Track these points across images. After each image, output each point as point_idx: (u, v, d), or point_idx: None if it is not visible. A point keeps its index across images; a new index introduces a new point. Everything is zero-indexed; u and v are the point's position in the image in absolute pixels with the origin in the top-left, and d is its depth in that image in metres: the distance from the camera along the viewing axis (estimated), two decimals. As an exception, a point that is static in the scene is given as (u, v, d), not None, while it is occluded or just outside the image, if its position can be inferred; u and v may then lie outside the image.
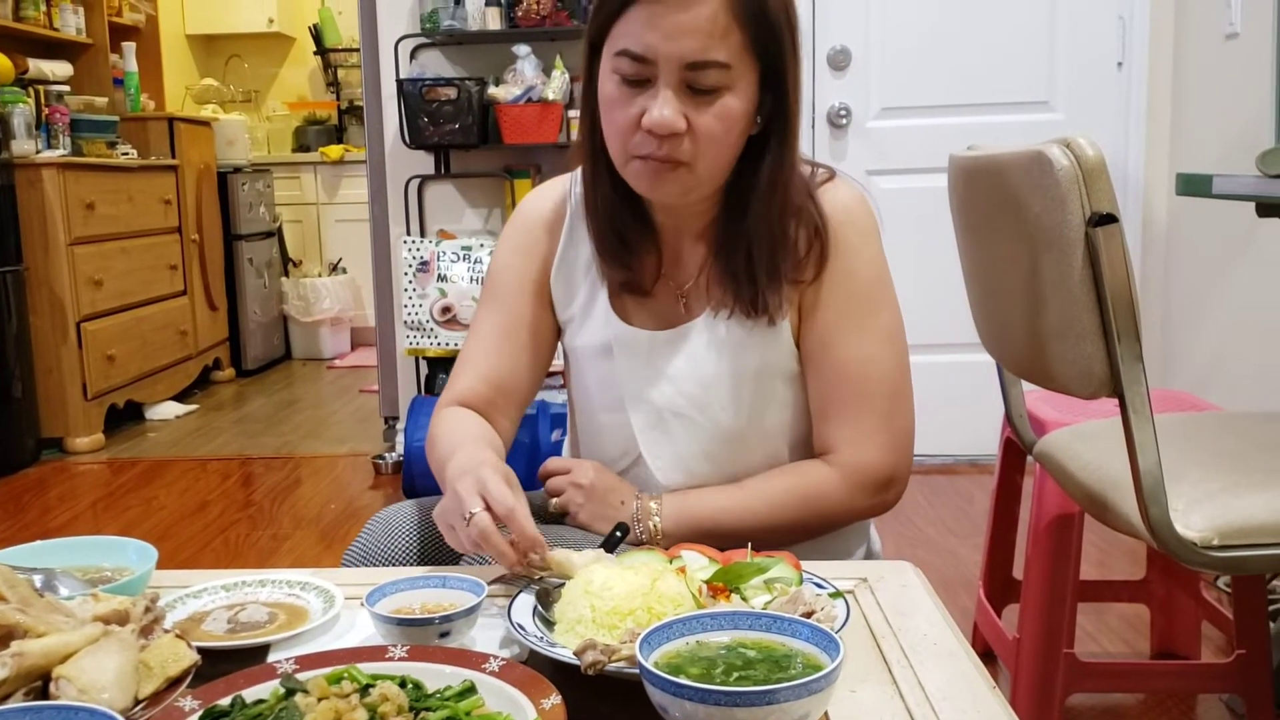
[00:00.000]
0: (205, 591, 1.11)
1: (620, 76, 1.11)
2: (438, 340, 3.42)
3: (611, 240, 1.22)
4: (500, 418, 1.28)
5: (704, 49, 1.07)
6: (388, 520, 1.29)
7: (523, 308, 1.28)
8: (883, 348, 1.20)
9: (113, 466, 3.96)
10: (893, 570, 1.13)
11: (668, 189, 1.14)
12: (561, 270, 1.28)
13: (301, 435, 4.37)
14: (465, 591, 1.01)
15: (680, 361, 1.23)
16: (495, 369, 1.28)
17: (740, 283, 1.18)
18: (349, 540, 3.02)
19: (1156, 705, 1.97)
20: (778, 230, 1.17)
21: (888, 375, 1.20)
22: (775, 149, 1.16)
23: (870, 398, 1.19)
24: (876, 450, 1.19)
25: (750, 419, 1.23)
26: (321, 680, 0.80)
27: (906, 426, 1.22)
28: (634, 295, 1.25)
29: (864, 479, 1.20)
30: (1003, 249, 1.39)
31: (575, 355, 1.31)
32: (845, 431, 1.20)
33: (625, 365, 1.25)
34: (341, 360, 6.05)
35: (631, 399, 1.25)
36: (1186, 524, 1.26)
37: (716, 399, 1.22)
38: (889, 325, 1.21)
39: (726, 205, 1.20)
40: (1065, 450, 1.56)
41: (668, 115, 1.08)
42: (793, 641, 0.85)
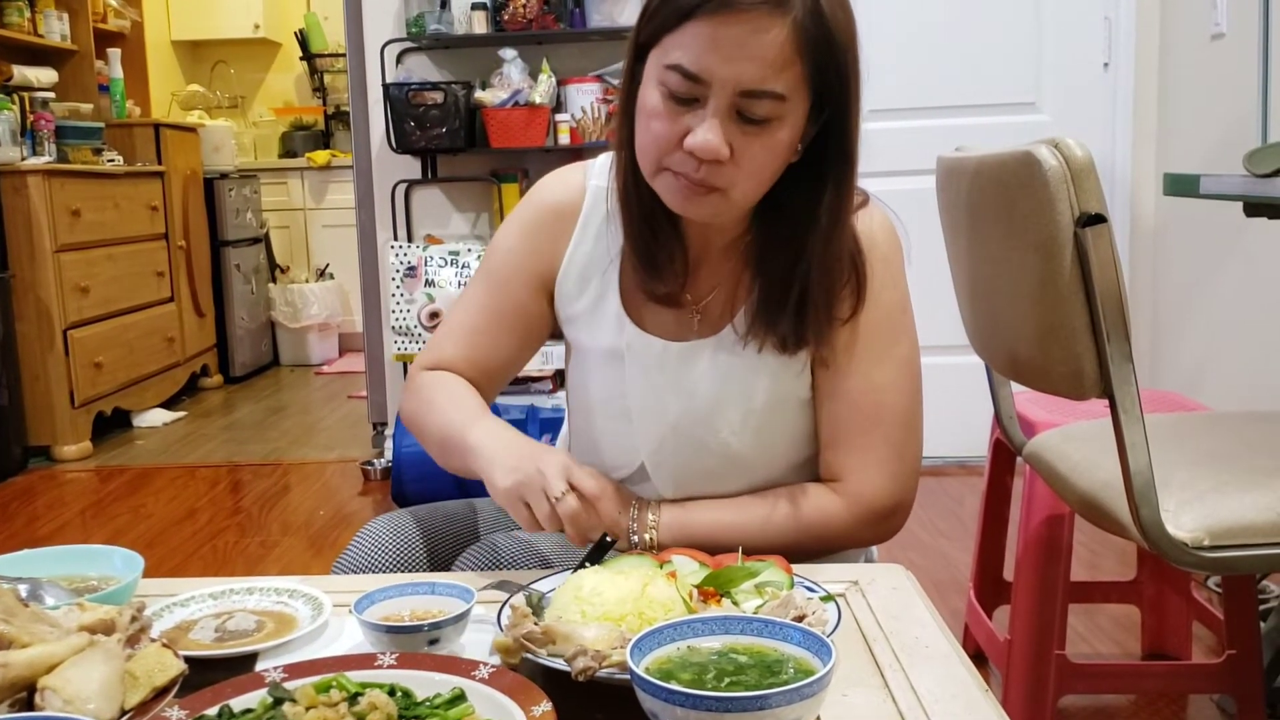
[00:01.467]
0: (192, 600, 1.10)
1: (667, 90, 1.05)
2: (424, 345, 3.41)
3: (645, 244, 1.17)
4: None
5: (763, 79, 1.01)
6: (377, 531, 1.28)
7: (519, 294, 1.24)
8: (899, 377, 1.17)
9: (100, 474, 3.94)
10: (884, 573, 1.13)
11: (699, 210, 1.10)
12: (573, 265, 1.23)
13: (290, 442, 4.35)
14: (454, 598, 1.00)
15: (693, 377, 1.19)
16: (479, 350, 1.25)
17: (785, 320, 1.14)
18: (338, 547, 3.03)
19: (1148, 706, 1.97)
20: (835, 272, 1.13)
21: (902, 406, 1.18)
22: (834, 187, 1.10)
23: (883, 428, 1.17)
24: (885, 480, 1.17)
25: (758, 442, 1.20)
26: (310, 689, 0.79)
27: (916, 456, 1.19)
28: (655, 303, 1.20)
29: (870, 509, 1.17)
30: (992, 250, 1.39)
31: (581, 356, 1.27)
32: (854, 460, 1.17)
33: (636, 374, 1.22)
34: (329, 366, 6.03)
35: (639, 410, 1.22)
36: (1177, 524, 1.26)
37: (726, 421, 1.19)
38: (906, 355, 1.18)
39: (768, 230, 1.15)
40: (1055, 451, 1.56)
41: (713, 141, 1.03)
42: (784, 646, 0.85)
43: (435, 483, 3.07)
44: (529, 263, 1.24)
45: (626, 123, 1.13)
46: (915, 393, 1.19)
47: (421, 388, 1.24)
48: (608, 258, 1.21)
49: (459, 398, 1.21)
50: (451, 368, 1.25)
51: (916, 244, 1.25)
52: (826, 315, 1.13)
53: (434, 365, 1.26)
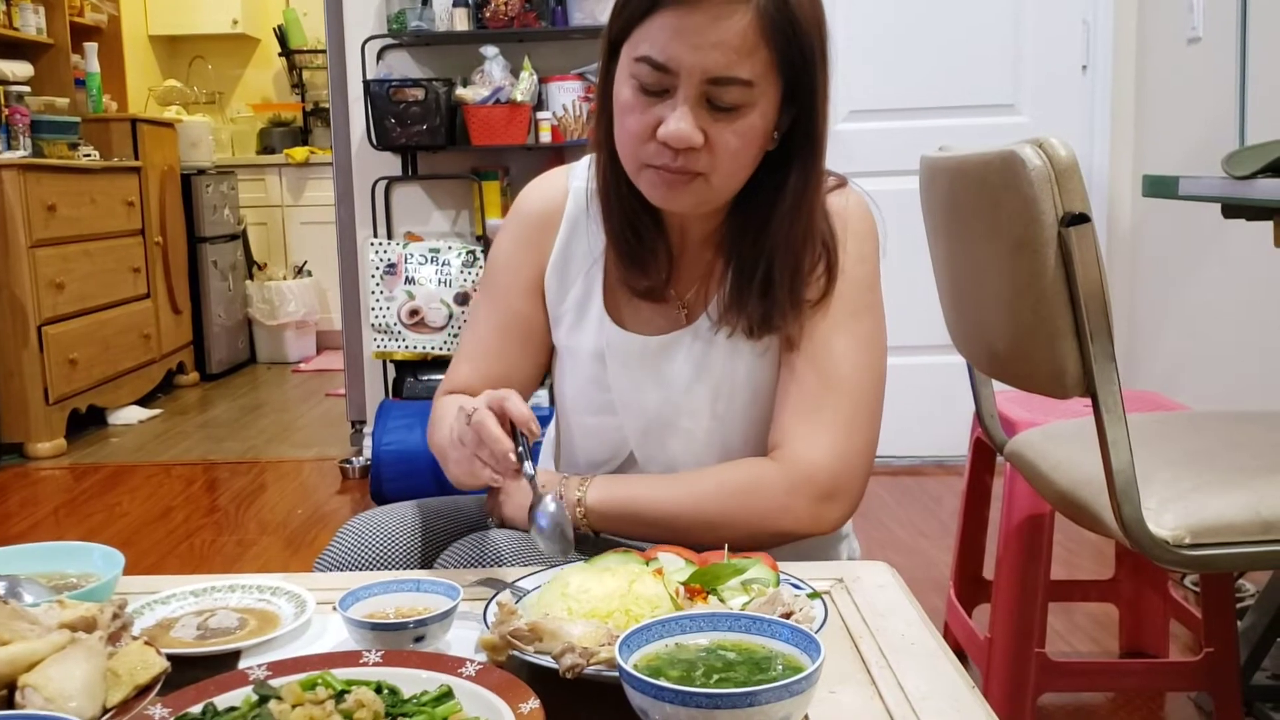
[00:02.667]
0: (174, 598, 1.09)
1: (638, 83, 1.07)
2: (405, 343, 3.40)
3: (629, 242, 1.18)
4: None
5: (729, 65, 1.03)
6: (359, 528, 1.27)
7: (519, 305, 1.25)
8: (857, 351, 1.16)
9: (75, 472, 3.90)
10: (869, 571, 1.13)
11: (682, 200, 1.11)
12: (557, 266, 1.24)
13: (267, 440, 4.33)
14: (440, 595, 1.00)
15: (672, 368, 1.20)
16: (493, 368, 1.25)
17: (751, 303, 1.15)
18: (316, 546, 3.01)
19: (1126, 704, 1.98)
20: (802, 254, 1.13)
21: (856, 380, 1.16)
22: (800, 170, 1.12)
23: (833, 397, 1.14)
24: (825, 453, 1.13)
25: (742, 428, 1.20)
26: (295, 686, 0.79)
27: (865, 442, 1.16)
28: (639, 299, 1.21)
29: (805, 480, 1.12)
30: (975, 250, 1.40)
31: (563, 354, 1.28)
32: (797, 426, 1.14)
33: (617, 371, 1.23)
34: (307, 364, 6.00)
35: (622, 404, 1.23)
36: (1159, 523, 1.27)
37: (707, 408, 1.20)
38: (869, 333, 1.17)
39: (739, 217, 1.16)
40: (1036, 450, 1.56)
41: (684, 129, 1.04)
42: (772, 643, 0.85)
43: (414, 480, 3.06)
44: (523, 272, 1.25)
45: (604, 121, 1.14)
46: (873, 374, 1.17)
47: (435, 410, 1.24)
48: (590, 257, 1.23)
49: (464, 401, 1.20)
50: (469, 390, 1.23)
51: (898, 244, 1.26)
52: (793, 298, 1.14)
53: (451, 390, 1.26)
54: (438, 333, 3.38)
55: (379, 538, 1.26)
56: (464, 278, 3.42)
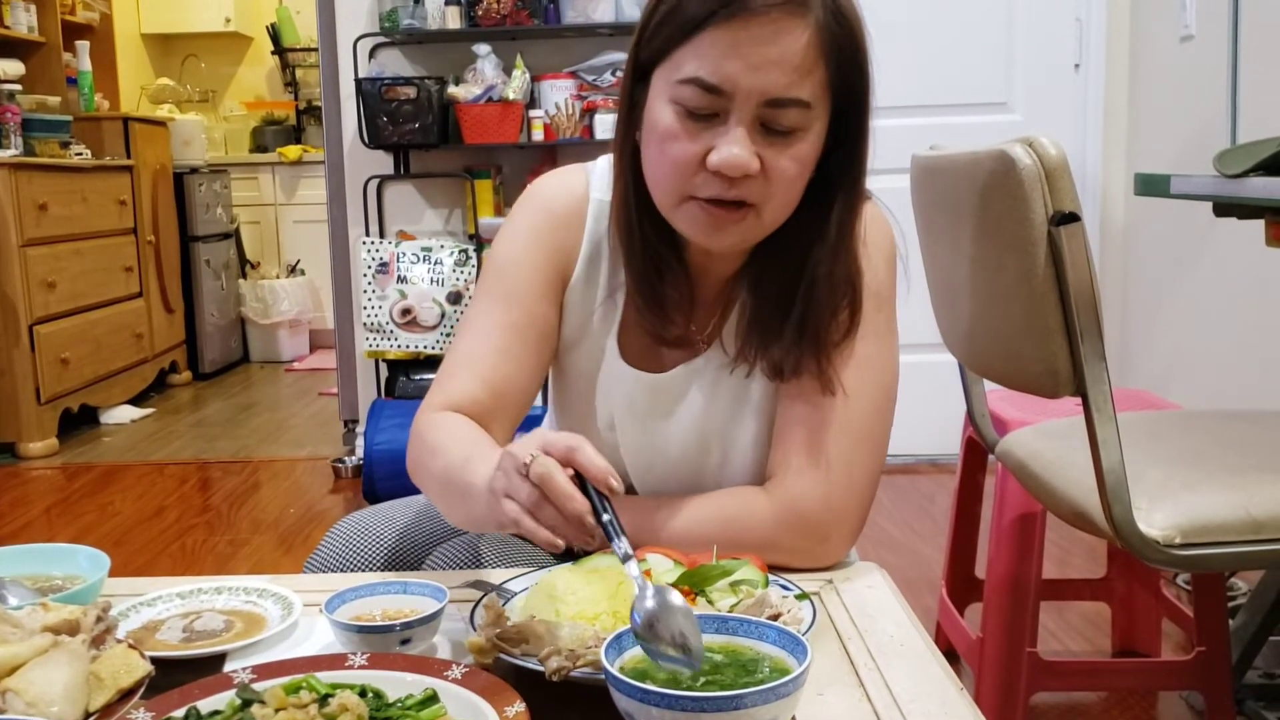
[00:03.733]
0: (159, 600, 1.08)
1: (683, 108, 0.97)
2: (398, 342, 3.39)
3: (653, 286, 1.08)
4: (494, 430, 1.09)
5: (789, 85, 0.95)
6: (348, 530, 1.26)
7: (537, 306, 1.12)
8: (862, 379, 1.08)
9: (66, 471, 3.89)
10: (859, 572, 1.12)
11: (727, 237, 1.01)
12: (579, 282, 1.14)
13: (259, 439, 4.32)
14: (426, 597, 0.99)
15: (680, 404, 1.14)
16: (499, 373, 1.10)
17: (777, 343, 1.07)
18: (309, 545, 3.00)
19: (1118, 703, 1.98)
20: (841, 293, 1.05)
21: (860, 410, 1.08)
22: (843, 201, 1.04)
23: (833, 428, 1.07)
24: (819, 487, 1.06)
25: (752, 469, 1.15)
26: (279, 690, 0.78)
27: (863, 477, 1.08)
28: (661, 345, 1.13)
29: (795, 516, 1.06)
30: (966, 248, 1.40)
31: (568, 373, 1.19)
32: (792, 459, 1.07)
33: (621, 409, 1.16)
34: (300, 363, 5.99)
35: (626, 445, 1.17)
36: (1149, 522, 1.27)
37: (717, 446, 1.15)
38: (877, 359, 1.09)
39: (766, 252, 1.07)
40: (1027, 449, 1.56)
41: (742, 156, 0.95)
42: (760, 645, 0.84)
43: (407, 480, 3.04)
44: (543, 271, 1.12)
45: (628, 151, 1.05)
46: (878, 405, 1.09)
47: (425, 431, 1.09)
48: (609, 288, 1.13)
49: (457, 437, 1.05)
50: (466, 398, 1.09)
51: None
52: (825, 338, 1.06)
53: (445, 405, 1.09)
54: (430, 332, 3.38)
55: (368, 539, 1.25)
56: (456, 277, 3.42)
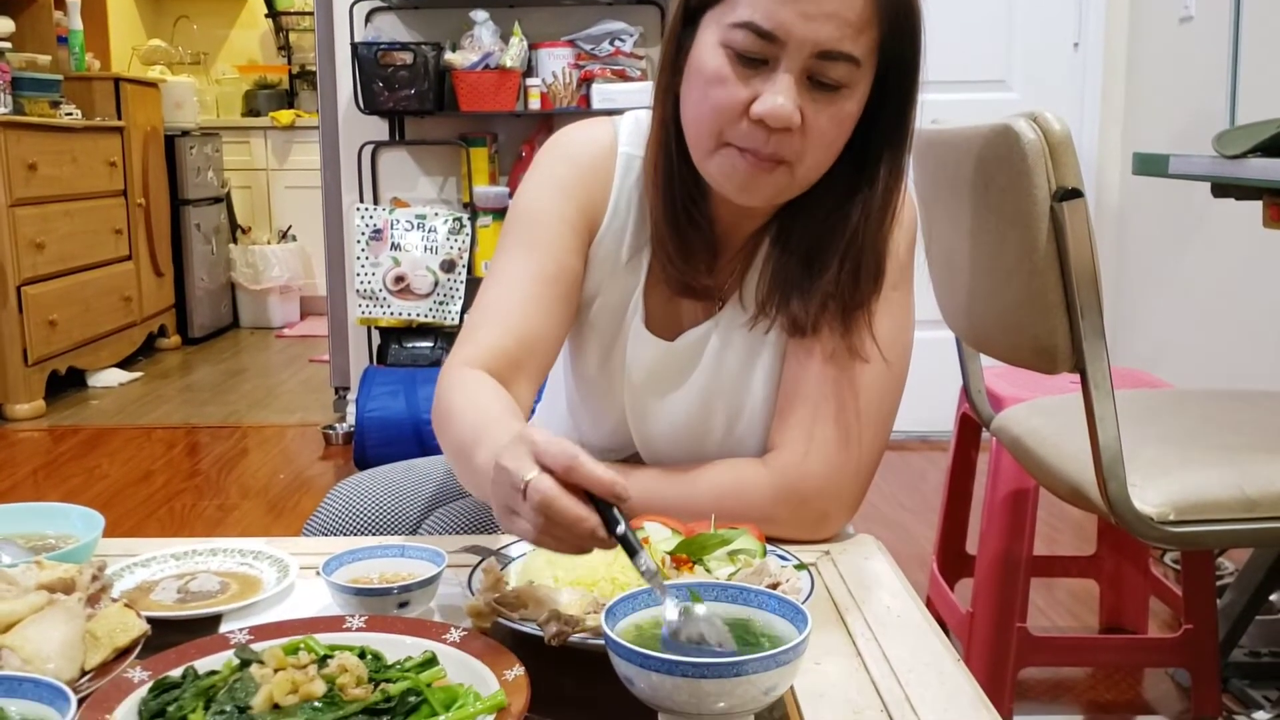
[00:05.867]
0: (154, 561, 1.08)
1: (733, 52, 0.95)
2: (390, 310, 3.38)
3: (684, 233, 1.06)
4: (522, 385, 1.06)
5: (841, 39, 0.94)
6: (346, 493, 1.26)
7: (566, 258, 1.09)
8: (876, 352, 1.07)
9: (54, 434, 3.87)
10: (855, 544, 1.12)
11: (759, 191, 1.00)
12: (606, 237, 1.11)
13: (249, 405, 4.30)
14: (425, 561, 0.99)
15: (693, 369, 1.13)
16: (529, 323, 1.06)
17: (797, 297, 1.06)
18: (299, 511, 3.00)
19: (1105, 678, 2.00)
20: (876, 261, 1.04)
21: (867, 385, 1.07)
22: (889, 169, 1.03)
23: (834, 404, 1.06)
24: (818, 464, 1.06)
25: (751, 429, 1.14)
26: (278, 650, 0.78)
27: (867, 458, 1.08)
28: (683, 296, 1.11)
29: (793, 490, 1.05)
30: (967, 224, 1.39)
31: (586, 331, 1.16)
32: (792, 431, 1.07)
33: (636, 374, 1.14)
34: (290, 329, 5.96)
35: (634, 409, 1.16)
36: (1143, 499, 1.27)
37: (720, 409, 1.13)
38: (889, 335, 1.07)
39: (795, 211, 1.06)
40: (1022, 425, 1.56)
41: (786, 107, 0.94)
42: (759, 613, 0.84)
43: (398, 448, 3.06)
44: (571, 222, 1.10)
45: (669, 99, 1.03)
46: (887, 385, 1.09)
47: (446, 391, 1.04)
48: (634, 245, 1.11)
49: (475, 405, 0.99)
50: (494, 351, 1.05)
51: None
52: (851, 299, 1.05)
53: (470, 359, 1.05)
54: (423, 300, 3.36)
55: (366, 503, 1.25)
56: (450, 245, 3.40)
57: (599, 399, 1.20)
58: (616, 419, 1.19)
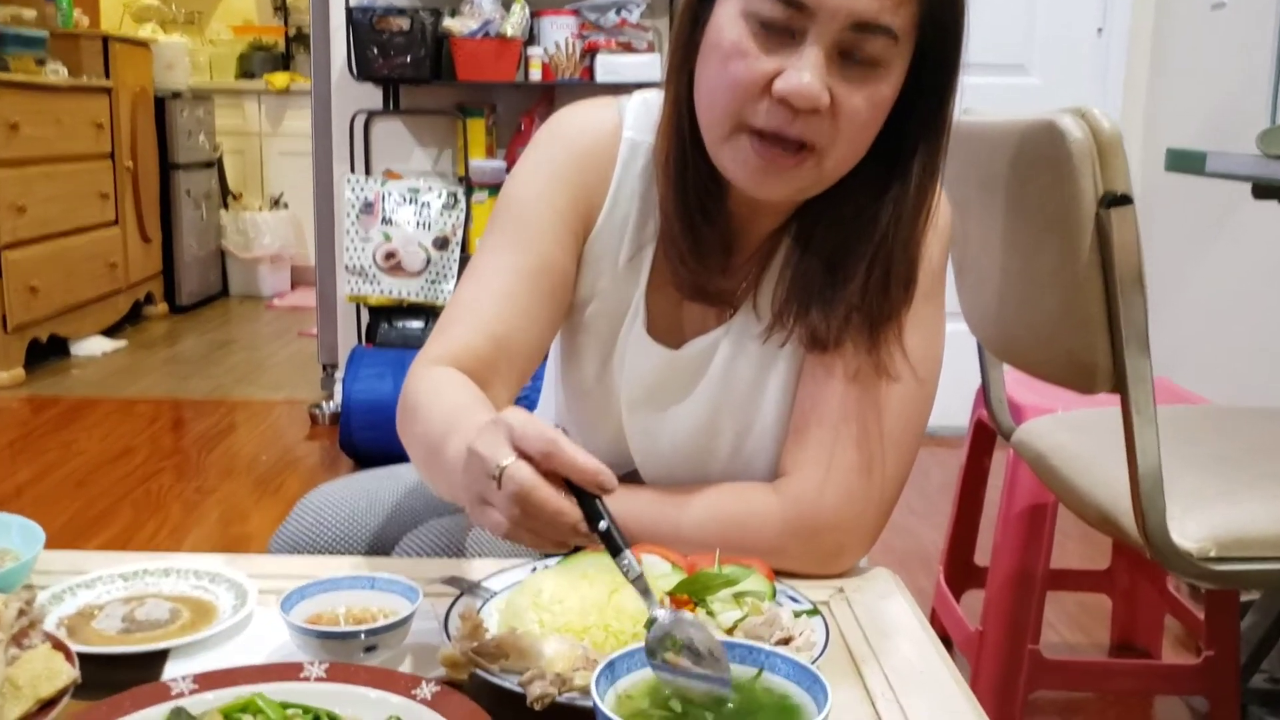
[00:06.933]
0: (99, 581, 0.99)
1: (757, 22, 0.86)
2: (380, 287, 3.26)
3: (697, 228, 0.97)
4: (497, 389, 0.97)
5: (880, 10, 0.84)
6: (319, 504, 1.16)
7: (554, 252, 0.99)
8: (903, 369, 0.98)
9: (33, 404, 3.77)
10: (870, 580, 1.03)
11: (779, 185, 0.90)
12: (604, 232, 1.02)
13: (235, 379, 4.21)
14: (397, 596, 0.89)
15: (697, 383, 1.04)
16: (506, 323, 0.97)
17: (818, 308, 0.96)
18: (281, 495, 2.90)
19: (1117, 701, 1.91)
20: (908, 267, 0.95)
21: (891, 411, 0.98)
22: (923, 165, 0.93)
23: (857, 427, 0.97)
24: (836, 493, 0.97)
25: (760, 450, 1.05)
26: (217, 718, 0.68)
27: (889, 489, 1.00)
28: (694, 300, 1.02)
29: (805, 522, 0.97)
30: (999, 225, 1.28)
31: (580, 335, 1.06)
32: (806, 456, 0.98)
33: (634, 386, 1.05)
34: (281, 300, 5.87)
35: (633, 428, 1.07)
36: (1182, 533, 1.17)
37: (727, 426, 1.04)
38: (919, 352, 0.98)
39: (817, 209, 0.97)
40: (1046, 441, 1.46)
41: (813, 85, 0.84)
42: (771, 679, 0.74)
43: (385, 431, 2.94)
44: (563, 214, 1.00)
45: (683, 78, 0.94)
46: (917, 407, 1.00)
47: (413, 390, 0.95)
48: (637, 241, 1.01)
49: (442, 398, 0.91)
50: (466, 350, 0.96)
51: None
52: (879, 311, 0.95)
53: (441, 357, 0.96)
54: (414, 278, 3.25)
55: (340, 516, 1.15)
56: (444, 221, 3.28)
57: (593, 411, 1.10)
58: (612, 434, 1.09)
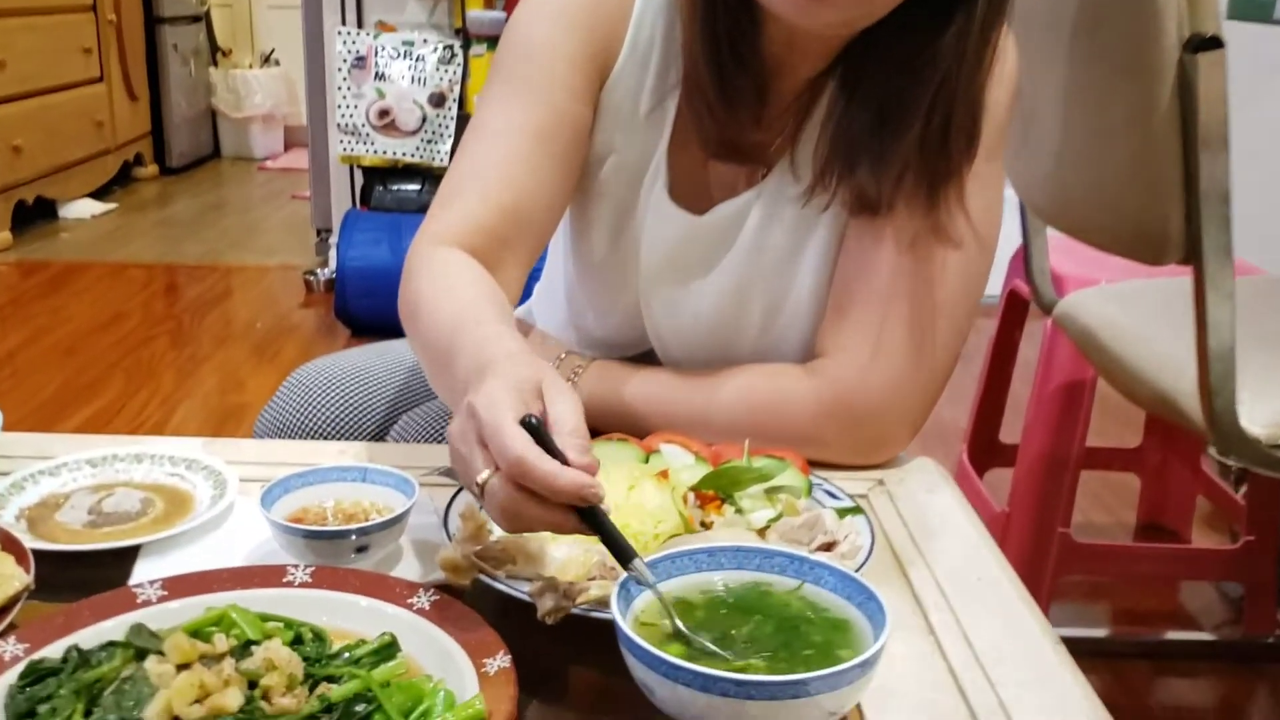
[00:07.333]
0: (65, 468, 0.90)
1: None
2: (374, 147, 3.11)
3: (727, 70, 0.85)
4: (510, 267, 0.88)
5: None
6: (308, 382, 1.06)
7: (567, 102, 0.88)
8: (963, 235, 0.87)
9: (21, 269, 3.67)
10: (913, 471, 0.93)
11: (823, 14, 0.78)
12: (619, 83, 0.90)
13: (228, 243, 4.09)
14: (391, 489, 0.80)
15: (724, 254, 0.93)
16: (517, 190, 0.87)
17: (867, 164, 0.85)
18: (276, 364, 2.81)
19: (1144, 586, 1.85)
20: (971, 118, 0.84)
21: (947, 285, 0.88)
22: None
23: (908, 303, 0.88)
24: (884, 376, 0.88)
25: (793, 328, 0.94)
26: (182, 640, 0.59)
27: (940, 371, 0.90)
28: (720, 157, 0.91)
29: (845, 408, 0.88)
30: (1062, 72, 1.15)
31: (591, 205, 0.96)
32: (847, 336, 0.89)
33: (654, 254, 0.94)
34: (274, 161, 5.70)
35: (652, 299, 0.96)
36: (1251, 418, 1.08)
37: (757, 300, 0.94)
38: (980, 217, 0.87)
39: (865, 46, 0.86)
40: (1095, 314, 1.35)
41: None
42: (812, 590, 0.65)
43: (381, 300, 2.83)
44: (577, 61, 0.89)
45: None
46: (975, 281, 0.90)
47: (412, 276, 0.85)
48: (658, 92, 0.90)
49: (457, 295, 0.81)
50: (474, 225, 0.87)
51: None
52: (937, 168, 0.85)
53: (446, 235, 0.86)
54: (409, 137, 3.10)
55: (329, 397, 1.06)
56: (440, 76, 3.11)
57: (607, 284, 0.98)
58: (627, 309, 0.98)
